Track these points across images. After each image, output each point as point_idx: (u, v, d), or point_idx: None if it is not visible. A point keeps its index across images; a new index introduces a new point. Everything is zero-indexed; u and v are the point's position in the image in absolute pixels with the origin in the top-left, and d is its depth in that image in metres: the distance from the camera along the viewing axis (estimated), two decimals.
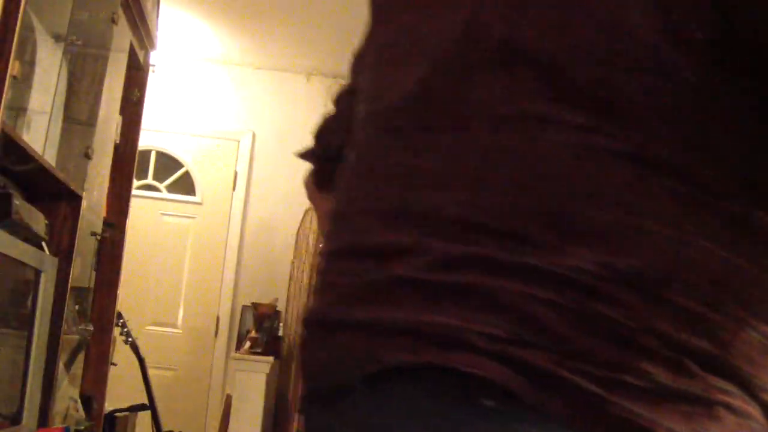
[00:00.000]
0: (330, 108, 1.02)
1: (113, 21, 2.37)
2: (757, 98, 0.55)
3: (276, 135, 5.12)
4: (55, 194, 2.16)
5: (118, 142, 2.80)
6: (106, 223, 2.75)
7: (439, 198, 0.57)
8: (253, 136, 5.10)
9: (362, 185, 0.66)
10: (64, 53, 2.00)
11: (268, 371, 4.06)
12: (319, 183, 1.01)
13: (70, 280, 2.17)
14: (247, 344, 4.22)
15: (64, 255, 2.16)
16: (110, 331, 2.88)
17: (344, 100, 0.97)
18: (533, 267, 0.52)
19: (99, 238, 2.58)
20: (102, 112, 2.36)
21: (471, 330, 0.52)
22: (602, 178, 0.53)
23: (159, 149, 5.04)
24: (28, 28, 1.71)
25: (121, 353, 3.49)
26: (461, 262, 0.54)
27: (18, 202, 1.79)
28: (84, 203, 2.24)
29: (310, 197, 1.01)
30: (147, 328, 4.83)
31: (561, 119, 0.55)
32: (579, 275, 0.51)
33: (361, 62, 0.92)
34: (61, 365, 2.18)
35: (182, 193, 5.05)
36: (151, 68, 3.08)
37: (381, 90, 0.70)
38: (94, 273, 2.63)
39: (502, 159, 0.56)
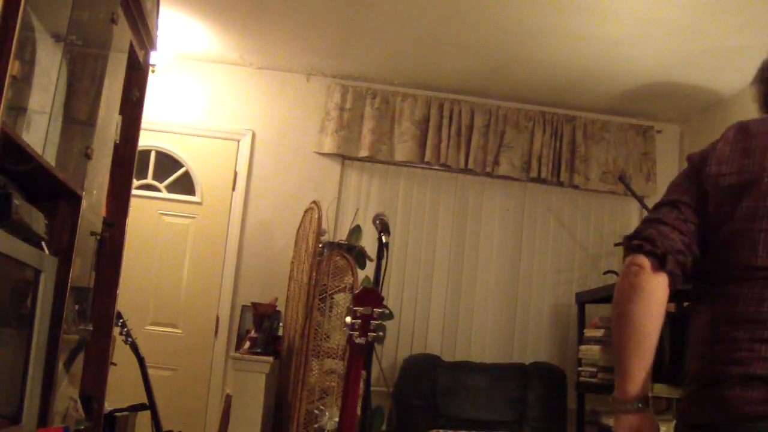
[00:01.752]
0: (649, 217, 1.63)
1: (113, 21, 2.37)
2: None
3: (276, 135, 5.12)
4: (55, 194, 2.16)
5: (118, 142, 2.80)
6: (106, 223, 2.75)
7: None
8: (253, 136, 5.10)
9: None
10: (64, 53, 1.99)
11: (267, 371, 4.06)
12: (659, 267, 1.54)
13: (69, 280, 2.17)
14: (247, 344, 4.22)
15: (64, 255, 2.16)
16: (110, 331, 2.88)
17: (677, 218, 1.59)
18: None
19: (99, 237, 2.58)
20: (102, 112, 2.36)
21: None
22: None
23: (159, 149, 5.05)
24: (28, 28, 1.70)
25: (121, 353, 3.49)
26: None
27: (18, 202, 1.79)
28: (84, 203, 2.24)
29: (643, 281, 1.53)
30: (147, 328, 4.84)
31: None
32: None
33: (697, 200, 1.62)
34: (61, 365, 2.18)
35: (182, 193, 5.05)
36: (151, 68, 3.08)
37: None
38: (94, 273, 2.63)
39: None
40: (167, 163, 5.07)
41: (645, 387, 1.53)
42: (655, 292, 1.54)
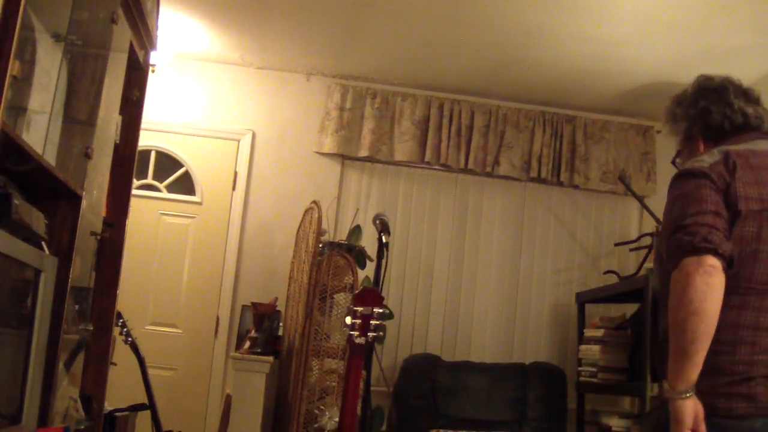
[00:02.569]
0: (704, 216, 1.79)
1: (113, 21, 2.37)
2: None
3: (276, 135, 5.12)
4: (55, 194, 2.16)
5: (118, 142, 2.80)
6: (106, 223, 2.75)
7: None
8: (253, 136, 5.10)
9: None
10: (64, 53, 1.99)
11: (267, 371, 4.06)
12: (727, 269, 1.74)
13: (70, 280, 2.17)
14: (247, 344, 4.22)
15: (64, 255, 2.16)
16: (110, 331, 2.88)
17: (723, 227, 1.78)
18: None
19: (99, 237, 2.58)
20: (102, 112, 2.36)
21: None
22: None
23: (159, 149, 5.05)
24: (28, 28, 1.70)
25: (121, 353, 3.49)
26: None
27: (18, 202, 1.79)
28: (84, 203, 2.24)
29: (716, 280, 1.71)
30: (147, 328, 4.84)
31: None
32: None
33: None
34: (61, 365, 2.18)
35: (182, 193, 5.05)
36: (151, 68, 3.08)
37: None
38: (94, 273, 2.63)
39: None
40: (167, 163, 5.07)
41: (697, 375, 1.74)
42: (722, 291, 1.73)
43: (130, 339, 3.58)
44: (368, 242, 4.50)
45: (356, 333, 2.13)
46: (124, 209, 2.92)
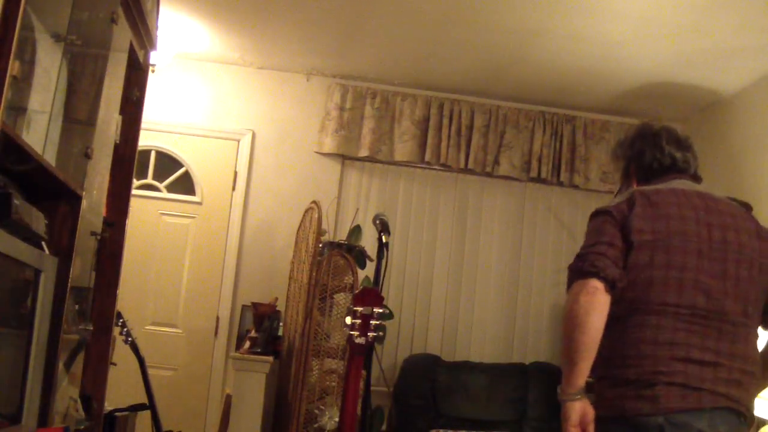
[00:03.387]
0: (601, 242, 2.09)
1: (113, 21, 2.37)
2: None
3: (276, 135, 5.12)
4: (55, 194, 2.16)
5: (118, 142, 2.80)
6: (106, 223, 2.75)
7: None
8: (253, 135, 5.10)
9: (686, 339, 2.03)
10: (64, 53, 1.99)
11: (267, 371, 4.06)
12: (609, 290, 2.01)
13: (70, 280, 2.17)
14: (247, 344, 4.22)
15: (64, 255, 2.16)
16: (110, 331, 2.88)
17: (615, 255, 2.05)
18: None
19: (99, 237, 2.58)
20: (102, 112, 2.36)
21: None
22: None
23: (159, 149, 5.05)
24: (28, 28, 1.70)
25: (121, 353, 3.49)
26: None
27: (18, 201, 1.79)
28: (84, 203, 2.24)
29: (598, 299, 1.99)
30: (147, 328, 4.84)
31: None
32: None
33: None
34: (61, 365, 2.18)
35: (182, 193, 5.05)
36: (151, 68, 3.08)
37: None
38: (94, 273, 2.63)
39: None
40: (167, 163, 5.07)
41: (584, 380, 2.00)
42: (604, 308, 2.00)
43: (130, 339, 3.58)
44: (368, 242, 4.50)
45: (356, 333, 2.13)
46: (124, 209, 2.92)
